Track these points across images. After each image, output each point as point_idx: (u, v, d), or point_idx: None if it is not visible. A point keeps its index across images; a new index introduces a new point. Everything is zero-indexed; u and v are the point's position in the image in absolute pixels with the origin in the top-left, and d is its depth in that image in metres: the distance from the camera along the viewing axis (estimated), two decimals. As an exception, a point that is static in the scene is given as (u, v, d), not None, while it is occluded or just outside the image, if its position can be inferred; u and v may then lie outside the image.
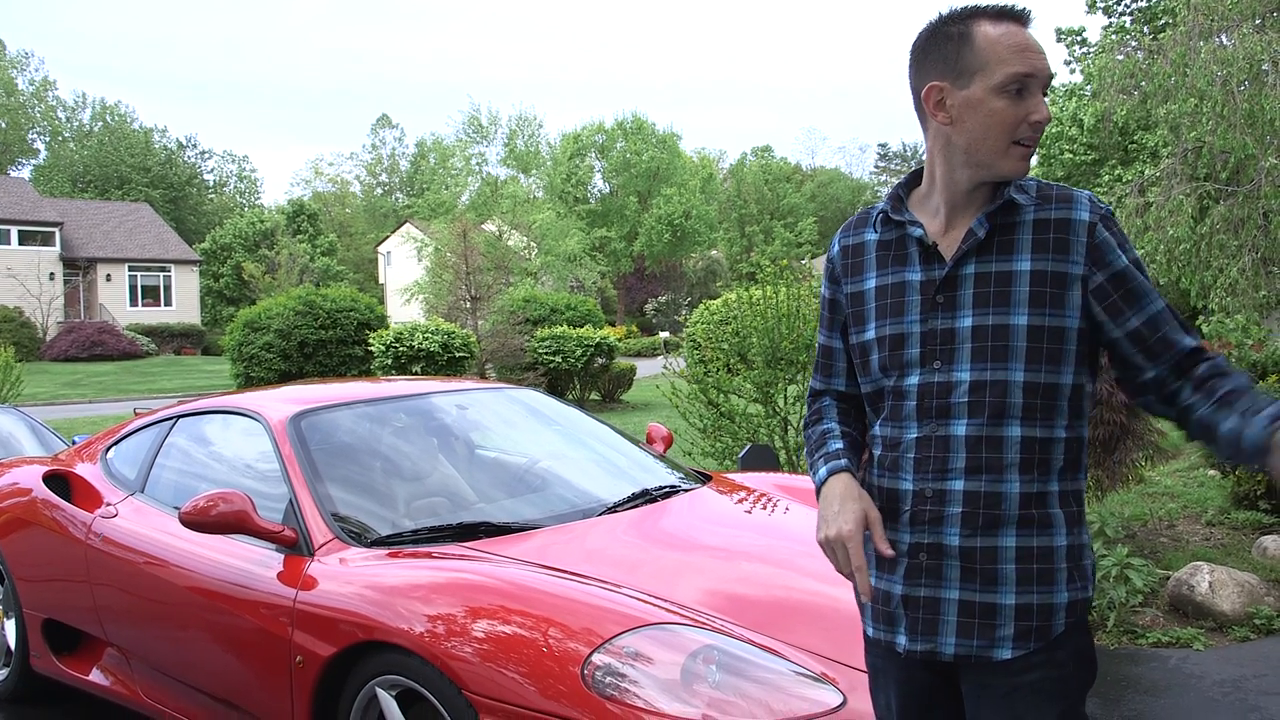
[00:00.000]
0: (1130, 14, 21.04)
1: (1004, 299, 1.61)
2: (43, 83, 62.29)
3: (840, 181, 70.62)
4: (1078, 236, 1.61)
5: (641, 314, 47.93)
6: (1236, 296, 9.62)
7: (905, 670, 1.72)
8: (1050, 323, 1.60)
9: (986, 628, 1.61)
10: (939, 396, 1.64)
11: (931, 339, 1.65)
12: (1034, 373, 1.60)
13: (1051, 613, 1.61)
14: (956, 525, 1.62)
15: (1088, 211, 1.62)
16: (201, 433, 3.96)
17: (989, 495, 1.61)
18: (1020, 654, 1.60)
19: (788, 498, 3.66)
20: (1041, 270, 1.60)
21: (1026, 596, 1.60)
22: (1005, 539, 1.60)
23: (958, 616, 1.63)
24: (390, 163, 72.87)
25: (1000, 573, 1.60)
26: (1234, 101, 9.25)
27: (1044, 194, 1.66)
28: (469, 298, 17.81)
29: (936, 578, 1.64)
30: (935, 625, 1.64)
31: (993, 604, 1.61)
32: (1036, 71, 1.58)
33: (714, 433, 6.71)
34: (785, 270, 7.13)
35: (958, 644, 1.63)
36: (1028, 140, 1.61)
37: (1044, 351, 1.60)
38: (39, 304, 35.59)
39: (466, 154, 43.98)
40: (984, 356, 1.61)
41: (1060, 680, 1.62)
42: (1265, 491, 5.94)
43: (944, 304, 1.65)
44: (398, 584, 2.66)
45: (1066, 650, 1.63)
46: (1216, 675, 3.88)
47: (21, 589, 4.10)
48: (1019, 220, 1.63)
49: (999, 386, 1.60)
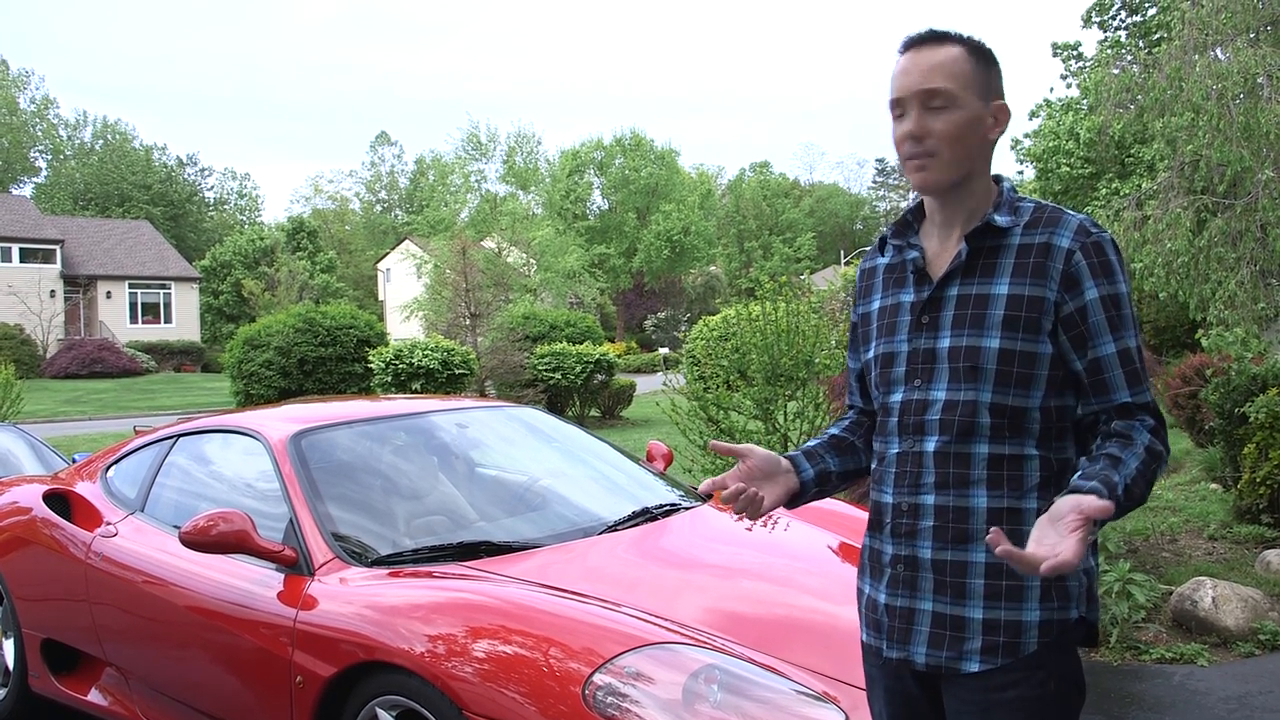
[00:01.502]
0: (1125, 29, 21.14)
1: (979, 321, 1.65)
2: (44, 101, 62.57)
3: (839, 197, 70.83)
4: (1055, 262, 1.62)
5: (641, 330, 47.96)
6: (1235, 309, 9.62)
7: (894, 679, 1.75)
8: (1022, 347, 1.63)
9: (955, 640, 1.64)
10: (916, 414, 1.70)
11: (915, 358, 1.71)
12: (1002, 394, 1.63)
13: (1020, 630, 1.62)
14: (929, 539, 1.67)
15: (1069, 238, 1.63)
16: (201, 452, 3.95)
17: (957, 510, 1.65)
18: (988, 668, 1.62)
19: (788, 515, 3.65)
20: (1018, 295, 1.63)
21: (994, 611, 1.62)
22: (975, 554, 1.63)
23: (930, 627, 1.67)
24: (389, 180, 73.12)
25: (969, 587, 1.64)
26: (1230, 115, 9.28)
27: (1035, 217, 1.68)
28: (468, 315, 17.83)
29: (912, 589, 1.69)
30: (909, 634, 1.69)
31: (961, 617, 1.64)
32: (901, 93, 1.67)
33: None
34: (784, 286, 7.14)
35: (928, 654, 1.67)
36: (910, 154, 1.67)
37: (1014, 375, 1.63)
38: (39, 321, 35.62)
39: (465, 171, 44.11)
40: (958, 377, 1.66)
41: (1039, 700, 1.62)
42: (1268, 505, 5.93)
43: (928, 324, 1.70)
44: (398, 604, 2.65)
45: (1047, 670, 1.62)
46: (1221, 692, 3.86)
47: (20, 608, 4.09)
48: (1005, 243, 1.67)
49: (969, 406, 1.64)
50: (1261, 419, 5.95)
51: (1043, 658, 1.62)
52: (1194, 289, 10.15)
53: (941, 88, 1.64)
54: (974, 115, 1.66)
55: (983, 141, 1.69)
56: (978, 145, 1.68)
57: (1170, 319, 16.33)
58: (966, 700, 1.65)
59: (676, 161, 52.06)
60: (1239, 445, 6.39)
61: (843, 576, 2.96)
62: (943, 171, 1.66)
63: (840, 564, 3.20)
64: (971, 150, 1.67)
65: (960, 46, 1.68)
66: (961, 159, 1.66)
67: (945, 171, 1.66)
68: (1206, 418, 7.62)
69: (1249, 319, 9.47)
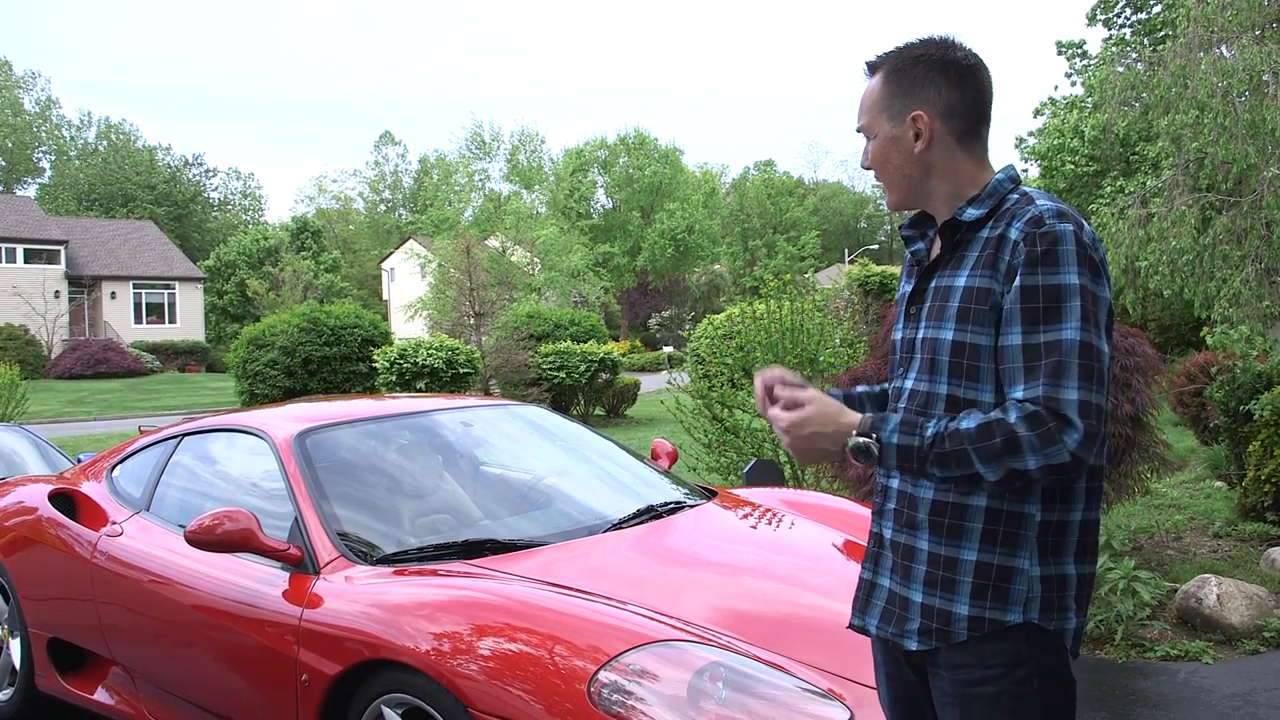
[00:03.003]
0: (1130, 26, 21.09)
1: (940, 313, 1.70)
2: (47, 102, 62.73)
3: (843, 195, 70.77)
4: (1004, 253, 1.61)
5: (645, 329, 47.95)
6: (1240, 307, 9.61)
7: (893, 665, 1.81)
8: (971, 339, 1.64)
9: (901, 618, 1.72)
10: (894, 401, 1.80)
11: (903, 347, 1.80)
12: (955, 387, 1.67)
13: (950, 619, 1.65)
14: (891, 520, 1.76)
15: (1019, 228, 1.60)
16: (206, 451, 3.96)
17: (910, 497, 1.71)
18: (924, 649, 1.67)
19: (793, 513, 3.65)
20: (971, 286, 1.65)
21: (931, 598, 1.67)
22: (920, 540, 1.69)
23: (884, 603, 1.76)
24: (393, 179, 73.17)
25: (914, 571, 1.70)
26: (1235, 112, 9.26)
27: (1006, 209, 1.67)
28: (473, 314, 17.84)
29: (875, 565, 1.80)
30: (868, 605, 1.80)
31: (907, 598, 1.71)
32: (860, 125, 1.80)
33: (719, 448, 6.71)
34: (789, 284, 7.14)
35: (879, 626, 1.77)
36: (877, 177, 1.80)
37: (964, 367, 1.65)
38: (44, 322, 35.69)
39: (469, 170, 44.21)
40: (923, 368, 1.72)
41: (1020, 697, 1.62)
42: (1273, 503, 5.92)
43: (913, 316, 1.78)
44: (403, 602, 2.66)
45: (1028, 668, 1.62)
46: (1226, 688, 3.86)
47: (27, 608, 4.10)
48: (975, 237, 1.69)
49: (924, 397, 1.71)
50: (1266, 416, 5.94)
51: (1026, 654, 1.62)
52: (1199, 287, 10.13)
53: (863, 124, 1.78)
54: (887, 139, 1.74)
55: (908, 157, 1.72)
56: (905, 162, 1.73)
57: (1175, 317, 16.31)
58: (945, 691, 1.68)
59: (681, 160, 52.06)
60: (1244, 443, 6.38)
61: (846, 573, 2.95)
62: (891, 191, 1.79)
63: (844, 561, 3.20)
64: (903, 168, 1.74)
65: (878, 73, 1.76)
66: (896, 178, 1.76)
67: (892, 191, 1.78)
68: (1211, 416, 7.62)
69: (1254, 317, 9.45)
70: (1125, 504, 6.20)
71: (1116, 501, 5.44)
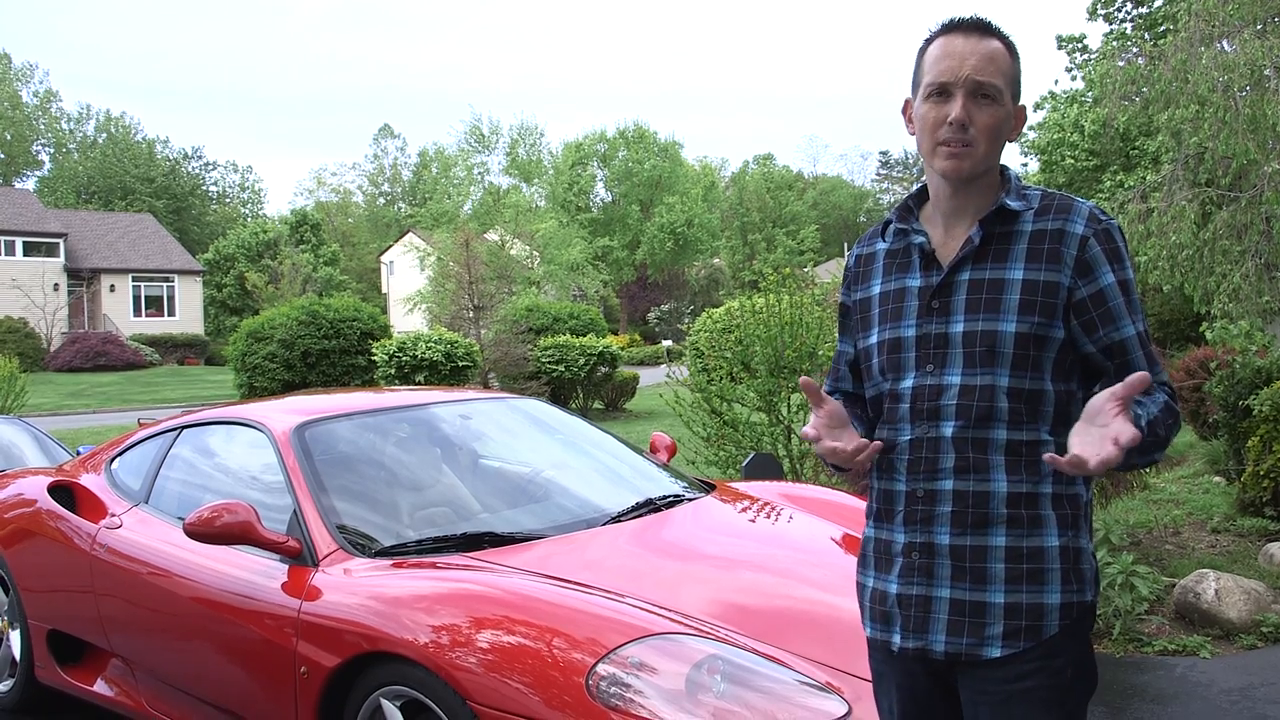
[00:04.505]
0: (1131, 20, 21.05)
1: (995, 305, 1.66)
2: (47, 94, 62.53)
3: (842, 189, 70.68)
4: (1069, 249, 1.65)
5: (644, 323, 47.94)
6: (1240, 302, 9.60)
7: (905, 674, 1.74)
8: (1037, 331, 1.65)
9: (976, 626, 1.64)
10: (930, 399, 1.69)
11: (926, 343, 1.71)
12: (1019, 379, 1.65)
13: (1042, 613, 1.62)
14: (947, 524, 1.66)
15: (1083, 225, 1.66)
16: (206, 444, 3.96)
17: (977, 494, 1.65)
18: (1010, 653, 1.62)
19: (792, 506, 3.66)
20: (1033, 279, 1.65)
21: (1016, 595, 1.63)
22: (995, 538, 1.64)
23: (948, 614, 1.66)
24: (393, 172, 73.04)
25: (990, 571, 1.64)
26: (1236, 107, 9.24)
27: (1045, 204, 1.70)
28: (472, 307, 17.84)
29: (928, 576, 1.68)
30: (926, 623, 1.68)
31: (982, 602, 1.64)
32: (951, 76, 1.66)
33: (717, 441, 6.71)
34: (788, 278, 7.13)
35: (948, 641, 1.66)
36: (948, 140, 1.67)
37: (1029, 358, 1.65)
38: (43, 315, 35.65)
39: (468, 163, 44.12)
40: (974, 361, 1.66)
41: (1057, 689, 1.63)
42: (1271, 498, 5.92)
43: (939, 309, 1.71)
44: (402, 595, 2.66)
45: (1064, 658, 1.63)
46: (1224, 683, 3.87)
47: (26, 600, 4.10)
48: (1016, 229, 1.69)
49: (986, 391, 1.65)
50: (1265, 412, 5.94)
51: (1061, 644, 1.63)
52: (1198, 282, 10.13)
53: (993, 81, 1.66)
54: (1008, 114, 1.70)
55: (1004, 139, 1.72)
56: (1001, 143, 1.71)
57: (1174, 312, 16.30)
58: (984, 691, 1.65)
59: (680, 154, 52.01)
60: (1243, 438, 6.38)
61: (845, 568, 2.95)
62: (976, 163, 1.69)
63: (843, 555, 3.21)
64: (999, 147, 1.71)
65: (1002, 43, 1.70)
66: (992, 154, 1.70)
67: (977, 163, 1.69)
68: (1210, 411, 7.62)
69: (1253, 312, 9.45)
70: (1124, 499, 6.21)
71: (1115, 496, 5.45)
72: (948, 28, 1.71)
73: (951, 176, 1.70)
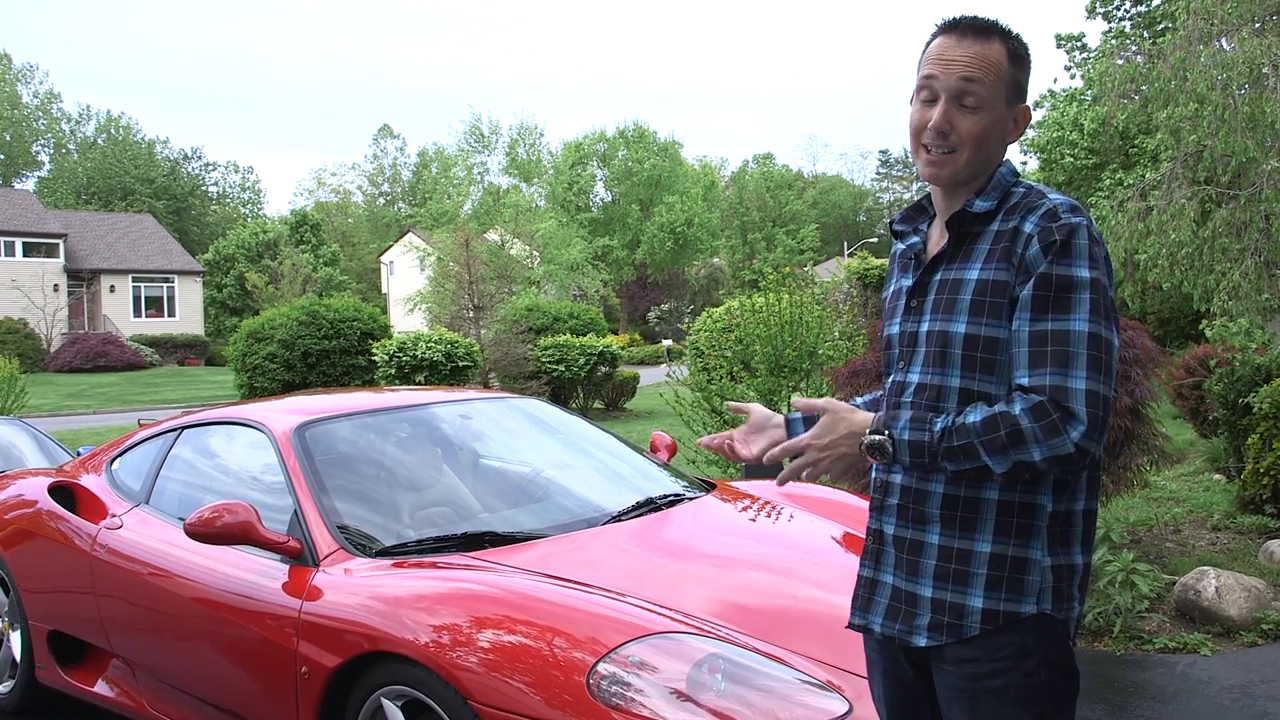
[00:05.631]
0: (1130, 19, 21.05)
1: (950, 306, 1.67)
2: (47, 95, 62.54)
3: (842, 188, 70.68)
4: (1018, 246, 1.61)
5: (644, 322, 47.94)
6: (1239, 300, 9.61)
7: (890, 662, 1.79)
8: (986, 332, 1.63)
9: (908, 614, 1.70)
10: (895, 395, 1.75)
11: (903, 341, 1.76)
12: (969, 380, 1.64)
13: (963, 613, 1.63)
14: (894, 516, 1.73)
15: (1033, 222, 1.61)
16: (206, 444, 3.96)
17: (918, 492, 1.69)
18: (935, 644, 1.65)
19: (792, 505, 3.66)
20: (985, 279, 1.64)
21: (941, 592, 1.66)
22: (930, 535, 1.68)
23: (888, 600, 1.73)
24: (392, 172, 73.03)
25: (922, 565, 1.68)
26: (1234, 105, 9.24)
27: (1016, 202, 1.67)
28: (472, 307, 17.84)
29: (877, 561, 1.77)
30: (869, 604, 1.77)
31: (914, 593, 1.69)
32: (938, 74, 1.65)
33: (718, 440, 6.70)
34: (788, 278, 7.14)
35: (883, 624, 1.74)
36: (930, 145, 1.67)
37: (977, 360, 1.64)
38: (43, 315, 35.64)
39: (468, 163, 44.13)
40: (930, 361, 1.69)
41: (1028, 689, 1.62)
42: (1271, 496, 5.92)
43: (915, 309, 1.75)
44: (402, 594, 2.66)
45: (1035, 659, 1.62)
46: (1224, 681, 3.87)
47: (27, 600, 4.10)
48: (985, 230, 1.68)
49: (935, 391, 1.67)
50: (1265, 409, 5.94)
51: (1032, 646, 1.62)
52: (1198, 280, 10.13)
53: (977, 88, 1.64)
54: (999, 119, 1.67)
55: (1000, 144, 1.70)
56: (996, 148, 1.69)
57: (1174, 310, 16.31)
58: (953, 687, 1.66)
59: (679, 153, 52.00)
60: (1243, 436, 6.39)
61: (845, 566, 2.95)
62: (956, 170, 1.68)
63: (843, 554, 3.21)
64: (990, 153, 1.69)
65: (1002, 44, 1.67)
66: (978, 161, 1.68)
67: (958, 171, 1.68)
68: (1210, 408, 7.62)
69: (1253, 310, 9.46)
70: (1124, 496, 6.21)
71: (1115, 494, 5.45)
72: (945, 27, 1.69)
73: (930, 182, 1.72)
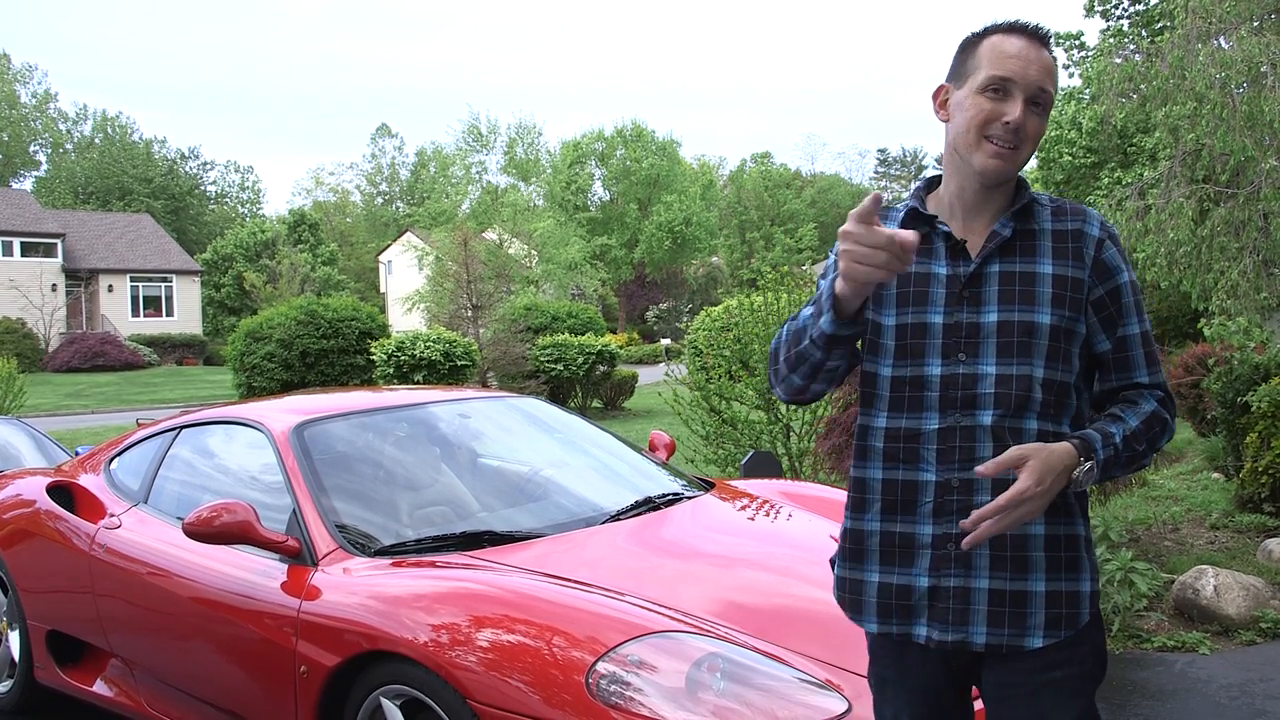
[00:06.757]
0: (1128, 17, 21.05)
1: (1029, 298, 1.69)
2: (44, 95, 62.43)
3: (840, 187, 70.62)
4: (1088, 249, 1.72)
5: (643, 321, 47.93)
6: (1238, 299, 9.61)
7: (920, 675, 1.72)
8: (1066, 325, 1.69)
9: (1018, 616, 1.65)
10: (964, 388, 1.67)
11: (955, 331, 1.70)
12: (1052, 370, 1.68)
13: (1078, 600, 1.67)
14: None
15: (1097, 228, 1.74)
16: (204, 443, 3.96)
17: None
18: (1051, 642, 1.64)
19: (791, 504, 3.66)
20: (1062, 275, 1.70)
21: (1055, 583, 1.66)
22: (1035, 526, 1.65)
23: (988, 605, 1.65)
24: (390, 172, 72.96)
25: (1031, 560, 1.65)
26: (1233, 104, 9.24)
27: (1059, 208, 1.77)
28: (470, 306, 17.84)
29: (966, 567, 1.65)
30: (966, 615, 1.65)
31: (1024, 591, 1.65)
32: (1016, 77, 1.66)
33: (716, 440, 6.72)
34: (786, 276, 7.15)
35: (989, 633, 1.65)
36: (998, 139, 1.67)
37: (1060, 351, 1.69)
38: (41, 315, 35.61)
39: (466, 163, 44.07)
40: (1009, 351, 1.67)
41: (1081, 678, 1.67)
42: (1270, 494, 5.93)
43: (969, 299, 1.70)
44: (401, 594, 2.66)
45: (1087, 647, 1.68)
46: (1223, 679, 3.87)
47: (25, 600, 4.10)
48: (1038, 228, 1.73)
49: (1024, 380, 1.67)
50: (1263, 408, 5.95)
51: (1086, 634, 1.68)
52: (1196, 278, 10.13)
53: (1049, 93, 1.69)
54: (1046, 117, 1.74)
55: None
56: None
57: (1172, 308, 16.32)
58: (1012, 684, 1.66)
59: (678, 152, 51.95)
60: (1241, 434, 6.39)
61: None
62: (1017, 167, 1.71)
63: (842, 553, 3.20)
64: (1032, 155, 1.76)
65: (1051, 55, 1.72)
66: (1027, 160, 1.73)
67: (1018, 167, 1.73)
68: (1209, 407, 7.63)
69: (1251, 308, 9.46)
70: (1123, 495, 6.22)
71: (1114, 493, 5.46)
72: (1014, 28, 1.70)
73: (991, 174, 1.69)
